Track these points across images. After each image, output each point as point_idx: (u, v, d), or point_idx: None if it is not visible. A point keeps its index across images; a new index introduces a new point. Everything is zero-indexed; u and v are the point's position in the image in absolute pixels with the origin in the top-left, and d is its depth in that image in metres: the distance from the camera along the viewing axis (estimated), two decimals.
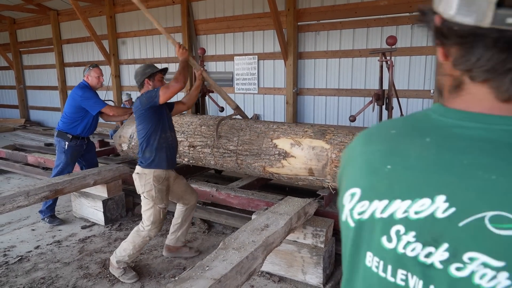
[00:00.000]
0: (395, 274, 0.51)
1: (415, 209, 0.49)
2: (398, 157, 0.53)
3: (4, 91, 12.71)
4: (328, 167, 3.03)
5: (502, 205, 0.43)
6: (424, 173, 0.50)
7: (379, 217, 0.53)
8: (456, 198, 0.46)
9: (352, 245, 0.58)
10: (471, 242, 0.45)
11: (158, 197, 2.75)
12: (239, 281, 1.89)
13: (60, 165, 3.89)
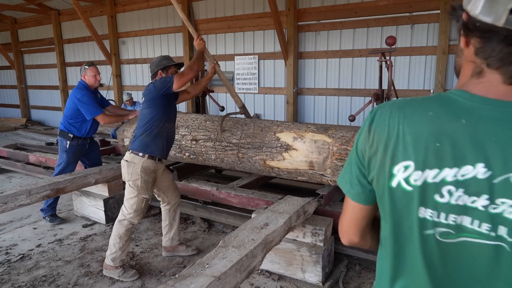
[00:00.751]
0: (447, 218, 0.72)
1: (461, 173, 0.68)
2: (444, 136, 0.69)
3: (5, 91, 12.74)
4: (329, 160, 3.06)
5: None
6: (465, 147, 0.68)
7: (432, 182, 0.71)
8: (490, 164, 0.66)
9: (405, 204, 0.75)
10: (502, 192, 0.66)
11: (144, 187, 2.75)
12: (238, 278, 1.91)
13: (61, 164, 3.91)
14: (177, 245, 3.22)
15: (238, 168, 3.65)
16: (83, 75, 3.89)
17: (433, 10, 5.41)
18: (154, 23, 8.40)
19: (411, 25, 5.62)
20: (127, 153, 2.82)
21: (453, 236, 0.72)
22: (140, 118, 2.86)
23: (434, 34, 5.48)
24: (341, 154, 3.01)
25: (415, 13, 5.56)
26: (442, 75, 5.40)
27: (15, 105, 12.33)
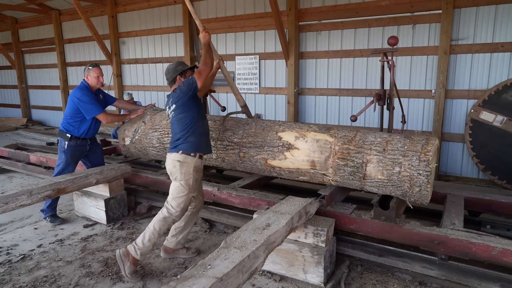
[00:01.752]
0: None
1: None
2: None
3: (6, 91, 12.74)
4: (331, 159, 3.05)
5: None
6: None
7: None
8: None
9: None
10: None
11: (194, 186, 2.91)
12: (240, 279, 1.90)
13: (60, 165, 3.91)
14: (178, 249, 3.22)
15: (239, 167, 3.64)
16: (86, 76, 3.87)
17: (434, 10, 5.39)
18: (155, 23, 8.39)
19: (413, 25, 5.60)
20: (177, 154, 2.88)
21: None
22: (179, 123, 2.92)
23: (435, 34, 5.47)
24: (343, 153, 3.00)
25: (416, 13, 5.54)
26: (443, 75, 5.39)
27: (15, 105, 12.33)
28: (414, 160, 2.73)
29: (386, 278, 2.88)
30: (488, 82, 5.24)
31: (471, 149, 5.29)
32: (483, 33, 5.16)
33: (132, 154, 4.45)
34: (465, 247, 2.58)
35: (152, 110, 4.31)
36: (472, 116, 5.22)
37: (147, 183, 4.28)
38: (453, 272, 2.70)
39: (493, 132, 5.07)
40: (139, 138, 4.14)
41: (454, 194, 3.50)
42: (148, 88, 8.84)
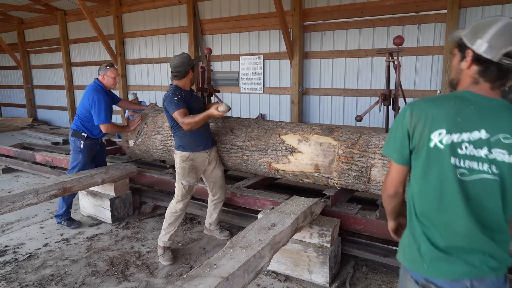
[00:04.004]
0: (464, 163, 1.20)
1: (472, 136, 1.18)
2: (461, 115, 1.20)
3: (12, 91, 12.84)
4: (335, 163, 3.04)
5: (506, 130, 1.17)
6: (474, 121, 1.19)
7: (457, 141, 1.19)
8: (489, 130, 1.17)
9: (439, 156, 1.21)
10: (495, 145, 1.17)
11: (180, 173, 3.11)
12: (246, 279, 1.90)
13: (78, 166, 3.83)
14: (213, 229, 3.61)
15: (243, 169, 3.65)
16: (102, 75, 3.76)
17: (440, 9, 5.37)
18: (159, 23, 8.42)
19: (418, 24, 5.58)
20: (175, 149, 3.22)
21: (466, 175, 1.21)
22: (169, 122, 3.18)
23: (441, 34, 5.45)
24: (347, 157, 2.98)
25: (421, 12, 5.52)
26: (449, 75, 5.36)
27: (21, 105, 12.42)
28: None
29: (391, 278, 2.87)
30: None
31: None
32: None
33: (137, 155, 4.47)
34: None
35: (153, 110, 4.31)
36: None
37: (152, 182, 4.30)
38: None
39: None
40: (143, 140, 4.15)
41: None
42: (152, 88, 8.88)
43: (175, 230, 3.20)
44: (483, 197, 1.21)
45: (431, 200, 1.26)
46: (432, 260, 1.26)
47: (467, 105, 1.22)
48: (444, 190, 1.23)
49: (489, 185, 1.20)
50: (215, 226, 3.60)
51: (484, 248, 1.24)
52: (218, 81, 7.74)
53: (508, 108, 1.22)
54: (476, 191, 1.21)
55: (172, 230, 3.19)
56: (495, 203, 1.21)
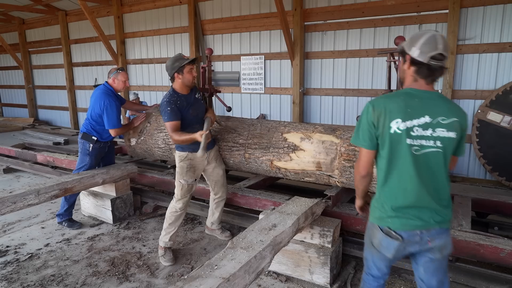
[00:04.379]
0: (417, 141, 1.62)
1: (420, 121, 1.61)
2: (410, 107, 1.62)
3: (13, 91, 12.86)
4: (337, 161, 3.03)
5: (442, 114, 1.63)
6: (420, 110, 1.62)
7: (410, 126, 1.60)
8: (431, 115, 1.62)
9: (398, 139, 1.62)
10: (437, 126, 1.62)
11: (179, 172, 3.15)
12: (247, 280, 1.90)
13: (84, 167, 3.84)
14: (215, 229, 3.61)
15: (244, 168, 3.64)
16: (112, 79, 3.76)
17: (441, 9, 5.36)
18: (160, 23, 8.42)
19: (419, 25, 5.57)
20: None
21: (418, 150, 1.63)
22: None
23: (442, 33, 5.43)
24: (349, 155, 2.99)
25: (423, 12, 5.51)
26: (450, 75, 5.35)
27: (22, 105, 12.44)
28: None
29: (392, 279, 2.87)
30: (495, 82, 5.19)
31: (478, 150, 5.25)
32: (491, 32, 5.12)
33: (138, 155, 4.47)
34: (473, 249, 2.55)
35: (157, 110, 4.32)
36: (479, 117, 5.18)
37: (153, 183, 4.30)
38: (460, 274, 2.68)
39: (500, 133, 5.03)
40: (145, 138, 4.16)
41: (461, 195, 3.48)
42: (153, 88, 8.88)
43: (175, 230, 3.20)
44: (432, 165, 1.66)
45: (394, 172, 1.69)
46: (393, 217, 1.71)
47: (413, 99, 1.65)
48: (403, 164, 1.66)
49: (435, 155, 1.65)
50: (217, 226, 3.60)
51: (431, 206, 1.68)
52: (219, 81, 7.74)
53: (441, 97, 1.69)
54: (426, 161, 1.65)
55: (172, 230, 3.19)
56: (439, 168, 1.67)
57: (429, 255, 1.76)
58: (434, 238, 1.71)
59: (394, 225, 1.71)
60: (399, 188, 1.69)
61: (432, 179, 1.66)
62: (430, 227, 1.69)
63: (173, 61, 3.00)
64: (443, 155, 1.65)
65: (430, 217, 1.68)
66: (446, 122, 1.63)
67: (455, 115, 1.65)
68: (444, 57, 1.62)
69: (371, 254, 1.89)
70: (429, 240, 1.71)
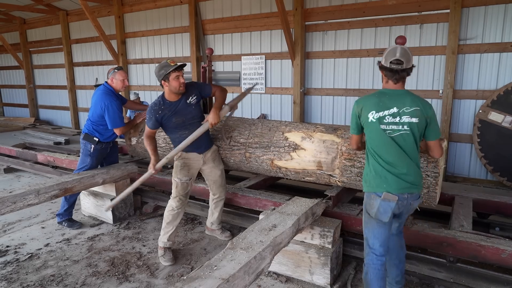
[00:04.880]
0: (389, 127, 2.17)
1: (389, 112, 2.16)
2: (382, 101, 2.18)
3: (14, 90, 12.88)
4: (338, 160, 3.03)
5: (406, 105, 2.15)
6: (389, 103, 2.17)
7: (382, 115, 2.17)
8: (398, 106, 2.15)
9: (375, 126, 2.19)
10: (403, 114, 2.14)
11: (174, 170, 3.21)
12: (247, 281, 1.90)
13: (84, 168, 3.84)
14: (215, 229, 3.61)
15: (245, 168, 3.63)
16: (110, 78, 3.75)
17: (442, 9, 5.34)
18: (161, 23, 8.42)
19: (420, 24, 5.56)
20: None
21: (391, 133, 2.16)
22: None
23: (443, 33, 5.42)
24: (350, 154, 2.98)
25: (424, 12, 5.50)
26: (451, 75, 5.33)
27: (24, 105, 12.45)
28: (422, 161, 2.71)
29: None
30: (497, 82, 5.17)
31: (480, 150, 5.23)
32: (492, 32, 5.10)
33: (138, 154, 4.46)
34: (474, 250, 2.54)
35: None
36: (481, 117, 5.16)
37: (153, 183, 4.29)
38: (461, 274, 2.67)
39: (502, 133, 5.01)
40: None
41: (463, 195, 3.46)
42: (154, 88, 8.88)
43: (174, 230, 3.20)
44: (405, 143, 2.17)
45: (381, 149, 2.21)
46: (388, 182, 2.20)
47: (384, 96, 2.20)
48: (386, 143, 2.19)
49: (406, 136, 2.16)
50: (217, 226, 3.60)
51: (412, 173, 2.20)
52: (220, 81, 7.73)
53: (407, 93, 2.20)
54: (400, 141, 2.17)
55: (170, 229, 3.18)
56: (412, 146, 2.18)
57: (407, 213, 2.36)
58: (414, 201, 2.27)
59: (389, 188, 2.19)
60: (389, 159, 2.20)
61: (406, 153, 2.18)
62: (412, 191, 2.21)
63: (159, 68, 2.98)
64: (412, 136, 2.15)
65: (413, 182, 2.21)
66: (409, 111, 2.13)
67: (416, 105, 2.14)
68: (401, 62, 2.13)
69: (371, 229, 2.30)
70: (412, 202, 2.26)
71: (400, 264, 2.49)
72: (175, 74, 2.97)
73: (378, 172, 2.23)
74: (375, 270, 2.27)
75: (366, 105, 2.21)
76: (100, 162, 4.00)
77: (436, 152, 2.28)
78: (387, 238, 2.28)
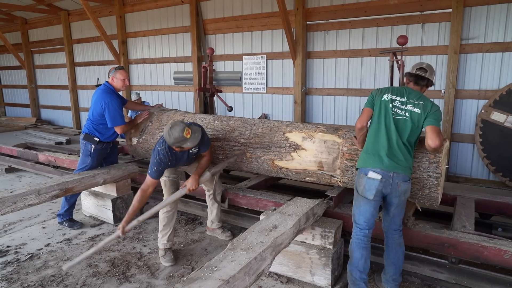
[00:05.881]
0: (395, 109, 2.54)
1: (400, 98, 2.56)
2: (397, 91, 2.61)
3: (16, 90, 12.90)
4: (339, 160, 3.01)
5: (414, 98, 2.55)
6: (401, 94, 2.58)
7: (394, 98, 2.56)
8: (407, 98, 2.55)
9: (386, 103, 2.56)
10: (408, 104, 2.53)
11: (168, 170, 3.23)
12: (247, 282, 1.88)
13: (84, 169, 3.83)
14: (215, 228, 3.60)
15: (245, 168, 3.62)
16: (111, 78, 3.75)
17: (444, 8, 5.32)
18: (162, 23, 8.41)
19: (422, 24, 5.53)
20: None
21: (395, 115, 2.51)
22: None
23: (445, 33, 5.39)
24: (351, 154, 2.96)
25: (426, 12, 5.47)
26: (453, 74, 5.31)
27: (25, 105, 12.47)
28: (424, 162, 2.69)
29: None
30: (499, 82, 5.15)
31: (482, 150, 5.21)
32: (494, 32, 5.08)
33: (139, 154, 4.46)
34: (476, 251, 2.53)
35: (159, 110, 4.31)
36: (483, 117, 5.14)
37: None
38: (463, 276, 2.65)
39: (504, 133, 4.99)
40: (146, 138, 4.14)
41: (465, 196, 3.44)
42: (155, 88, 8.88)
43: (171, 231, 3.19)
44: (403, 128, 2.47)
45: (380, 127, 2.51)
46: (375, 159, 2.46)
47: (402, 88, 2.60)
48: (387, 122, 2.50)
49: (405, 121, 2.47)
50: (217, 225, 3.59)
51: (402, 155, 2.45)
52: (221, 81, 7.72)
53: (418, 93, 2.55)
54: (400, 124, 2.48)
55: (168, 231, 3.18)
56: (409, 132, 2.47)
57: (396, 197, 2.48)
58: (401, 182, 2.43)
59: (382, 165, 2.42)
60: (383, 138, 2.48)
61: (400, 137, 2.46)
62: (398, 171, 2.41)
63: (174, 140, 2.76)
64: (411, 122, 2.46)
65: (401, 162, 2.43)
66: (414, 103, 2.49)
67: (421, 100, 2.50)
68: (425, 70, 2.57)
69: (358, 206, 2.55)
70: (398, 184, 2.43)
71: (398, 262, 2.59)
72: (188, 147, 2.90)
73: (369, 150, 2.52)
74: (357, 240, 2.53)
75: (384, 90, 2.59)
76: (100, 163, 4.00)
77: (430, 139, 2.43)
78: (371, 216, 2.51)
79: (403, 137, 2.46)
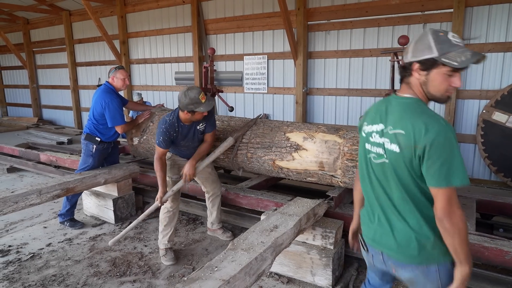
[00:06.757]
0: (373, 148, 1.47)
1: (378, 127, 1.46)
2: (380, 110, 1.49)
3: (18, 90, 12.93)
4: (340, 160, 3.01)
5: (391, 123, 1.40)
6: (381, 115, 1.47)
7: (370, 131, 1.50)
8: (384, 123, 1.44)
9: (362, 144, 1.55)
10: (386, 136, 1.39)
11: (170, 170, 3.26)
12: (247, 282, 1.88)
13: (86, 169, 3.83)
14: (216, 229, 3.61)
15: (246, 168, 3.62)
16: (111, 77, 3.75)
17: (446, 9, 5.31)
18: (163, 23, 8.42)
19: (423, 24, 5.52)
20: None
21: (376, 158, 1.48)
22: None
23: None
24: (352, 154, 2.96)
25: (427, 12, 5.46)
26: None
27: (27, 105, 12.50)
28: None
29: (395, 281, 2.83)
30: (501, 82, 5.14)
31: (483, 151, 5.19)
32: (496, 32, 5.07)
33: (140, 154, 4.47)
34: (477, 251, 2.52)
35: (160, 110, 4.32)
36: (484, 117, 5.13)
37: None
38: None
39: (506, 133, 4.97)
40: (147, 138, 4.15)
41: (466, 196, 3.43)
42: (157, 88, 8.88)
43: (172, 231, 3.21)
44: (385, 179, 1.46)
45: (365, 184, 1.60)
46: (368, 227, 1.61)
47: (385, 103, 1.50)
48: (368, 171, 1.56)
49: (387, 168, 1.44)
50: (217, 225, 3.59)
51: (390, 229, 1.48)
52: (222, 81, 7.73)
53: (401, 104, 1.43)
54: (380, 174, 1.48)
55: (169, 231, 3.19)
56: (395, 186, 1.43)
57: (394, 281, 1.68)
58: (397, 268, 1.48)
59: (364, 233, 1.65)
60: (370, 198, 1.57)
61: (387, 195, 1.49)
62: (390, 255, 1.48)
63: (189, 101, 2.82)
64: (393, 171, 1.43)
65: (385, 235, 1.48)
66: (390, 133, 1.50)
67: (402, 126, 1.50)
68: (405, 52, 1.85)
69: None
70: (393, 268, 1.50)
71: None
72: (201, 113, 2.95)
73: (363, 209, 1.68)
74: None
75: (366, 113, 1.62)
76: (101, 163, 4.00)
77: (438, 207, 1.34)
78: (380, 277, 1.77)
79: (392, 192, 1.45)
